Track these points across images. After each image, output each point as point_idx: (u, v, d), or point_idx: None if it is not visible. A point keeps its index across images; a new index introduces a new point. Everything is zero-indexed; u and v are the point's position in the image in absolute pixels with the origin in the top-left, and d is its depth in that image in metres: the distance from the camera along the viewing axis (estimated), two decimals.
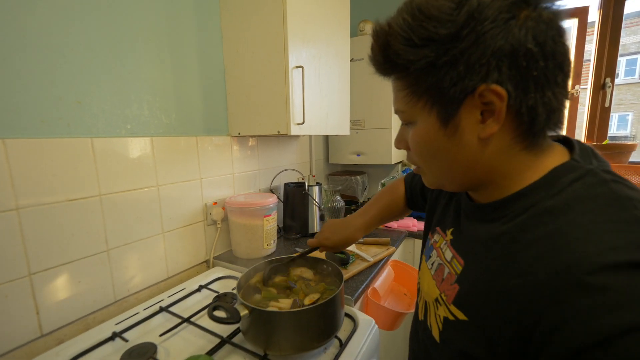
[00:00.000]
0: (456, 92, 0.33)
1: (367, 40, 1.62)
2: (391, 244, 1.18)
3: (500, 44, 0.30)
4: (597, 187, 0.32)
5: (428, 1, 0.33)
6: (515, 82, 0.31)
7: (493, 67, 0.31)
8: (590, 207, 0.30)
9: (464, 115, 0.34)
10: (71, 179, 0.72)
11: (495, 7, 0.30)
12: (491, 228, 0.38)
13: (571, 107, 1.64)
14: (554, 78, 0.32)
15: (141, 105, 0.86)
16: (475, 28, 0.30)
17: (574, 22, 1.60)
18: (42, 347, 0.69)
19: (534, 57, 0.31)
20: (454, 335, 0.40)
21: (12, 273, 0.64)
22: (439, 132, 0.37)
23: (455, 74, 0.32)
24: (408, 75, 0.36)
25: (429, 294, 0.48)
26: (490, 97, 0.32)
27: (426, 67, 0.34)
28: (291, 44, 0.96)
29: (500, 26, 0.30)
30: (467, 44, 0.31)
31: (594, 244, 0.27)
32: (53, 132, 0.69)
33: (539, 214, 0.33)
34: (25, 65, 0.64)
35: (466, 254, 0.42)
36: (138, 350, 0.64)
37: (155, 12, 0.88)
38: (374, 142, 1.70)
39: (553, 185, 0.34)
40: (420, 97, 0.36)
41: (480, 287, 0.37)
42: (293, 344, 0.60)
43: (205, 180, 1.07)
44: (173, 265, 0.98)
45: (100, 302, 0.80)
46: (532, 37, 0.30)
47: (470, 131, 0.35)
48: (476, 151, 0.36)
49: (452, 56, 0.32)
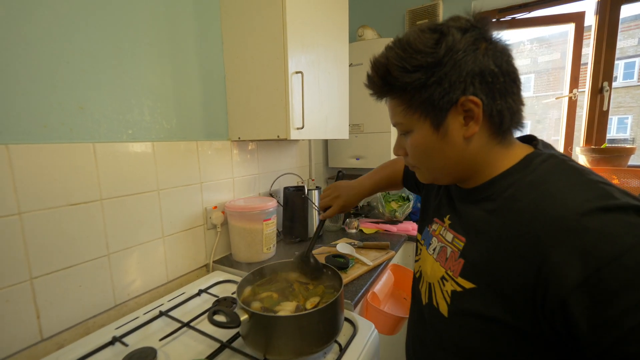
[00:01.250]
0: (444, 103, 0.44)
1: (365, 45, 1.63)
2: (391, 248, 1.18)
3: (472, 67, 0.42)
4: (560, 165, 0.43)
5: (413, 39, 0.44)
6: (485, 93, 0.43)
7: (469, 83, 0.43)
8: (560, 178, 0.41)
9: (451, 121, 0.45)
10: (73, 184, 0.73)
11: (464, 42, 0.42)
12: (485, 205, 0.47)
13: (569, 111, 1.65)
14: (511, 89, 0.44)
15: (142, 111, 0.87)
16: (452, 57, 0.42)
17: (570, 27, 1.61)
18: (42, 351, 0.69)
19: (495, 75, 0.43)
20: (464, 304, 0.46)
21: (14, 277, 0.64)
22: (432, 136, 0.47)
23: (442, 89, 0.43)
24: (405, 94, 0.46)
25: (434, 275, 0.54)
26: (469, 105, 0.43)
27: (419, 86, 0.44)
28: (291, 49, 0.97)
29: (470, 54, 0.42)
30: (448, 68, 0.42)
31: (572, 200, 0.37)
32: (55, 138, 0.70)
33: (523, 186, 0.43)
34: (28, 70, 0.65)
35: (466, 231, 0.50)
36: (138, 354, 0.64)
37: (156, 18, 0.89)
38: (373, 145, 1.70)
39: (528, 167, 0.45)
40: (415, 110, 0.47)
41: (485, 254, 0.44)
42: (293, 348, 0.60)
43: (205, 184, 1.07)
44: (173, 269, 0.98)
45: (100, 306, 0.80)
46: (492, 61, 0.43)
47: (457, 133, 0.46)
48: (462, 148, 0.47)
49: (438, 77, 0.43)
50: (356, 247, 1.17)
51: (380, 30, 1.84)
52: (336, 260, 1.01)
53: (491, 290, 0.43)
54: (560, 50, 2.29)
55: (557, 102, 1.72)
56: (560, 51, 2.33)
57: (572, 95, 1.62)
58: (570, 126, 1.66)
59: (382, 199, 1.59)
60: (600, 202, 0.36)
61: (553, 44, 2.47)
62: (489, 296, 0.43)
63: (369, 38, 1.66)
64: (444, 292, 0.51)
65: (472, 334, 0.46)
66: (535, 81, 3.40)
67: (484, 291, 0.44)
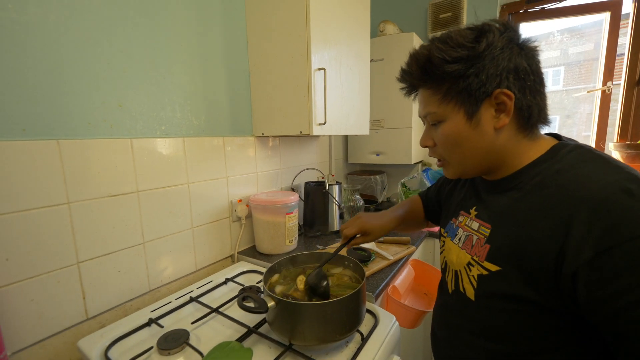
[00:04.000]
0: (479, 94, 0.47)
1: (387, 40, 1.62)
2: (411, 243, 1.18)
3: (507, 63, 0.46)
4: (587, 154, 0.45)
5: (455, 34, 0.48)
6: (518, 88, 0.47)
7: (504, 78, 0.46)
8: (586, 165, 0.43)
9: (484, 112, 0.48)
10: (112, 176, 0.78)
11: (502, 41, 0.46)
12: (512, 194, 0.50)
13: (602, 105, 1.57)
14: (540, 87, 0.48)
15: (174, 108, 0.92)
16: (491, 52, 0.46)
17: (605, 15, 1.53)
18: (87, 329, 0.76)
19: (527, 73, 0.47)
20: (490, 286, 0.49)
21: (64, 260, 0.71)
22: (465, 125, 0.50)
23: (479, 80, 0.47)
24: (442, 83, 0.50)
25: (460, 262, 0.57)
26: (502, 98, 0.46)
27: (457, 77, 0.48)
28: (314, 46, 0.99)
29: (506, 52, 0.46)
30: (487, 61, 0.46)
31: (597, 183, 0.40)
32: (98, 133, 0.76)
33: (551, 174, 0.45)
34: (75, 72, 0.71)
35: (492, 219, 0.52)
36: (172, 335, 0.68)
37: (188, 21, 0.94)
38: (394, 141, 1.70)
39: (555, 156, 0.47)
40: (451, 99, 0.50)
41: (511, 237, 0.47)
42: (317, 335, 0.63)
43: (230, 178, 1.12)
44: (201, 259, 1.03)
45: (136, 290, 0.86)
46: (525, 61, 0.47)
47: (488, 123, 0.49)
48: (492, 138, 0.50)
49: (477, 69, 0.46)
50: (377, 242, 1.18)
51: (402, 25, 1.82)
52: (358, 253, 1.02)
53: (515, 270, 0.45)
54: (594, 40, 2.14)
55: (588, 96, 1.64)
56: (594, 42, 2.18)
57: (606, 88, 1.54)
58: (603, 121, 1.59)
59: (403, 195, 1.58)
60: (626, 185, 0.38)
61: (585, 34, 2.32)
62: (513, 276, 0.46)
63: (390, 33, 1.65)
64: (470, 277, 0.53)
65: (497, 314, 0.49)
66: (565, 74, 3.21)
67: (509, 272, 0.46)
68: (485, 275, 0.50)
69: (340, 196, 1.37)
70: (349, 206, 1.45)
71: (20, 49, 0.63)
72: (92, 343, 0.67)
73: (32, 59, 0.64)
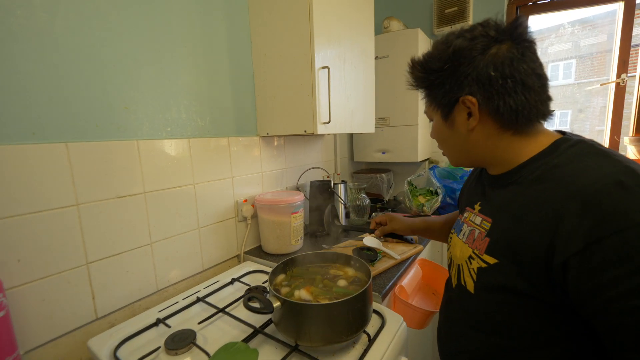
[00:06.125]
0: (447, 100, 0.54)
1: (391, 37, 1.60)
2: (418, 242, 1.16)
3: (470, 72, 0.49)
4: (587, 148, 0.46)
5: (435, 46, 0.55)
6: (481, 94, 0.49)
7: (466, 85, 0.50)
8: (585, 158, 0.44)
9: (457, 114, 0.54)
10: (120, 178, 0.79)
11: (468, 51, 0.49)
12: (512, 188, 0.52)
13: (617, 98, 1.52)
14: (512, 91, 0.48)
15: (179, 109, 0.92)
16: (453, 63, 0.50)
17: (619, 5, 1.48)
18: (97, 329, 0.77)
19: (493, 79, 0.48)
20: (489, 278, 0.51)
21: (74, 261, 0.72)
22: (443, 125, 0.57)
23: (444, 89, 0.53)
24: (425, 89, 0.58)
25: (462, 256, 0.59)
26: (468, 103, 0.51)
27: (430, 85, 0.56)
28: (317, 44, 0.98)
29: (469, 63, 0.49)
30: (448, 73, 0.51)
31: (592, 177, 0.40)
32: (106, 136, 0.77)
33: (549, 168, 0.47)
34: (83, 77, 0.72)
35: (493, 213, 0.54)
36: (180, 335, 0.69)
37: (192, 23, 0.94)
38: (400, 139, 1.68)
39: (555, 151, 0.48)
40: (431, 103, 0.58)
41: (507, 230, 0.49)
42: (323, 336, 0.62)
43: (236, 178, 1.12)
44: (207, 259, 1.04)
45: (144, 290, 0.87)
46: (492, 66, 0.48)
47: (462, 125, 0.54)
48: (466, 138, 0.54)
49: (442, 79, 0.53)
50: (383, 241, 1.17)
51: (407, 21, 1.79)
52: (364, 253, 1.01)
53: (511, 263, 0.47)
54: (607, 31, 2.07)
55: (602, 89, 1.59)
56: (607, 33, 2.11)
57: (620, 80, 1.49)
58: (618, 114, 1.54)
59: (410, 193, 1.57)
60: (620, 177, 0.38)
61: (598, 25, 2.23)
62: (510, 269, 0.47)
63: (394, 29, 1.63)
64: (470, 270, 0.55)
65: (495, 307, 0.51)
66: (577, 67, 3.10)
67: (505, 265, 0.48)
68: (484, 268, 0.52)
69: (346, 195, 1.36)
70: (355, 205, 1.44)
71: (28, 54, 0.64)
72: (101, 343, 0.68)
73: (40, 63, 0.65)
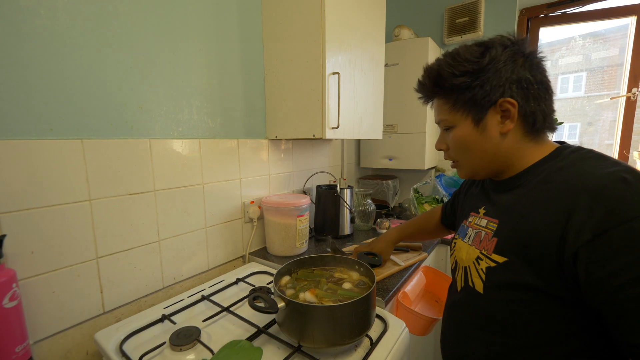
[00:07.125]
0: (485, 102, 0.53)
1: (401, 45, 1.62)
2: (423, 249, 1.16)
3: (510, 75, 0.51)
4: (587, 154, 0.50)
5: (462, 51, 0.55)
6: (521, 97, 0.52)
7: (507, 88, 0.51)
8: (587, 161, 0.48)
9: (489, 118, 0.54)
10: (132, 175, 0.81)
11: (505, 55, 0.52)
12: (518, 191, 0.54)
13: (627, 112, 1.51)
14: (544, 95, 0.53)
15: (191, 110, 0.95)
16: (495, 65, 0.52)
17: (631, 20, 1.48)
18: (104, 323, 0.78)
19: (531, 83, 0.51)
20: (498, 277, 0.52)
21: (84, 255, 0.74)
22: (473, 130, 0.56)
23: (484, 91, 0.52)
24: (451, 94, 0.56)
25: (469, 258, 0.60)
26: (507, 105, 0.52)
27: (464, 88, 0.54)
28: (329, 50, 1.00)
29: (509, 65, 0.51)
30: (490, 74, 0.52)
31: (597, 174, 0.44)
32: (120, 134, 0.79)
33: (554, 171, 0.50)
34: (101, 76, 0.74)
35: (499, 215, 0.57)
36: (184, 332, 0.70)
37: (206, 27, 0.96)
38: (407, 146, 1.68)
39: (558, 156, 0.52)
40: (459, 108, 0.56)
41: (516, 229, 0.51)
42: (326, 337, 0.63)
43: (244, 180, 1.13)
44: (213, 258, 1.05)
45: (151, 287, 0.88)
46: (528, 72, 0.52)
47: (494, 128, 0.54)
48: (498, 142, 0.55)
49: (481, 80, 0.52)
50: None
51: (418, 30, 1.81)
52: (369, 258, 1.02)
53: (521, 259, 0.49)
54: (618, 45, 2.05)
55: (612, 103, 1.59)
56: (618, 47, 2.09)
57: (631, 94, 1.49)
58: (628, 129, 1.53)
59: (415, 201, 1.57)
60: (622, 175, 0.41)
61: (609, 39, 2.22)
62: (519, 266, 0.49)
63: (405, 38, 1.65)
64: (479, 270, 0.56)
65: (505, 305, 0.51)
66: (587, 80, 3.08)
67: (515, 262, 0.50)
68: (493, 267, 0.53)
69: (351, 200, 1.37)
70: (360, 210, 1.45)
71: (50, 54, 0.66)
72: (108, 336, 0.69)
73: (61, 62, 0.68)
